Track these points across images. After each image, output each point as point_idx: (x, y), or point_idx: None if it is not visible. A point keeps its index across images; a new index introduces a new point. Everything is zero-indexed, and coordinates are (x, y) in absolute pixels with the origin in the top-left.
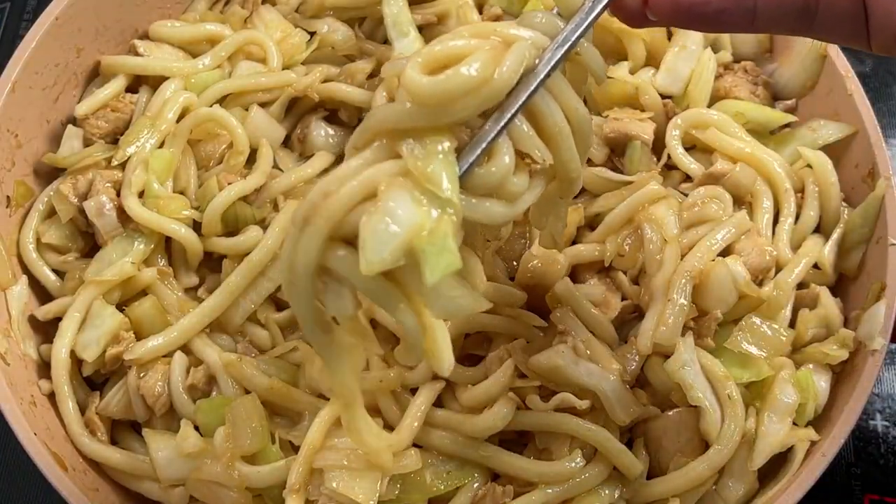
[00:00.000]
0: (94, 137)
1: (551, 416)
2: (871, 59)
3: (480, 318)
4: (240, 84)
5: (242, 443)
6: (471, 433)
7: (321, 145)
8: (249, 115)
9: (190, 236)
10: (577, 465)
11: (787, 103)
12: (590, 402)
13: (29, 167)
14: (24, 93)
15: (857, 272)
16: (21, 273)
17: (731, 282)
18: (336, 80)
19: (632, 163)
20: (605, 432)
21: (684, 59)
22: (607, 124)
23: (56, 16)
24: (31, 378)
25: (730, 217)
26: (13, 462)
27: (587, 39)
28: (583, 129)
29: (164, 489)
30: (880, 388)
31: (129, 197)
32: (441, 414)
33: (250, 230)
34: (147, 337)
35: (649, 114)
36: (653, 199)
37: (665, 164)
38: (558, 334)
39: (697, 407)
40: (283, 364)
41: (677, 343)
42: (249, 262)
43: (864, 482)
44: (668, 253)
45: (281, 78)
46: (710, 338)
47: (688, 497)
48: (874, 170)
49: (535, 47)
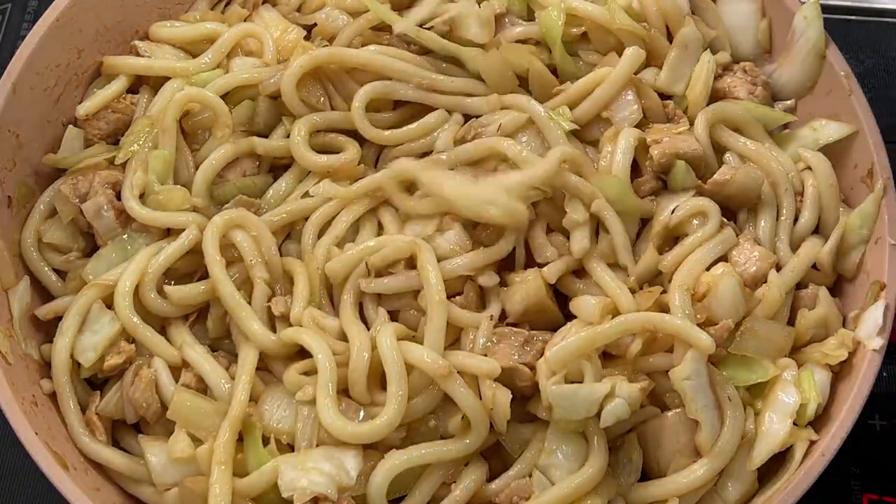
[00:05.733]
0: (94, 138)
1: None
2: (871, 59)
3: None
4: (242, 79)
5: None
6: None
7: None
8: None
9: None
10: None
11: (786, 104)
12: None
13: (30, 167)
14: (26, 93)
15: (857, 272)
16: (23, 273)
17: (739, 291)
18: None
19: (676, 182)
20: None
21: (686, 58)
22: (652, 149)
23: (57, 17)
24: (32, 378)
25: (712, 236)
26: (14, 462)
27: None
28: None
29: (159, 492)
30: (879, 388)
31: (131, 199)
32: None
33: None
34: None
35: (685, 126)
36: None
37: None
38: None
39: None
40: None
41: (686, 356)
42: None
43: (863, 482)
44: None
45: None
46: (723, 347)
47: (687, 498)
48: (873, 170)
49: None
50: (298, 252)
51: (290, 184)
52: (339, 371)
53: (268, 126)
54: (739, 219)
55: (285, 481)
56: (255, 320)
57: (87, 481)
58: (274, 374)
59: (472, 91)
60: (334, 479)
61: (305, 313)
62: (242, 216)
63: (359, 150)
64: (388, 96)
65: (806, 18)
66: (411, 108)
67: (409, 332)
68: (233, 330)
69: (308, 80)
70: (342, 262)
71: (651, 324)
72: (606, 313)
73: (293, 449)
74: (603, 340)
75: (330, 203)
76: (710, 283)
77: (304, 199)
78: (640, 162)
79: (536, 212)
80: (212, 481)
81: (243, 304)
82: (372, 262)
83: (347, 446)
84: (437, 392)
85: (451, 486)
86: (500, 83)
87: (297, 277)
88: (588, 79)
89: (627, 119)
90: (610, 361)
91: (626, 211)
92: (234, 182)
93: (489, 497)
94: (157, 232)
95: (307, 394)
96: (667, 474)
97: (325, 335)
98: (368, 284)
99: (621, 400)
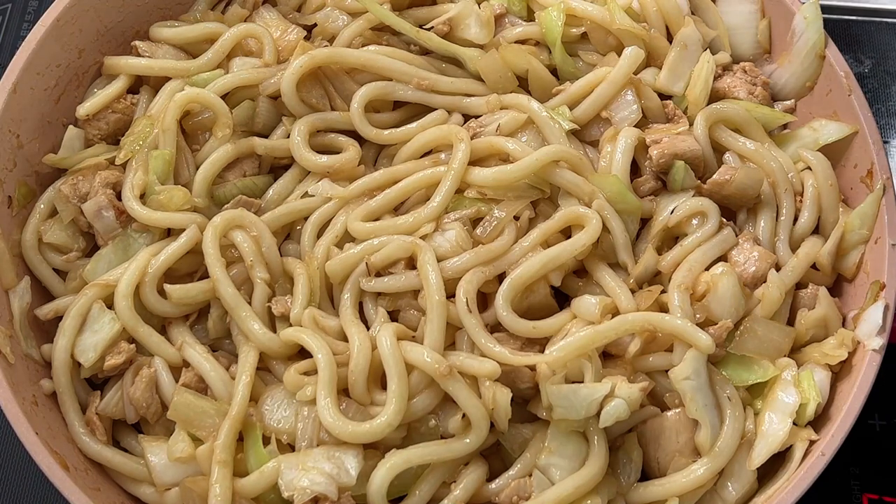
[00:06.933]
0: (95, 138)
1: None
2: (870, 59)
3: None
4: (242, 79)
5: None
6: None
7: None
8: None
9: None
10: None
11: (786, 104)
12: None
13: (31, 168)
14: (26, 94)
15: (856, 272)
16: (23, 273)
17: (739, 290)
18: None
19: (675, 182)
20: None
21: (686, 58)
22: (652, 149)
23: (57, 17)
24: (32, 378)
25: (712, 236)
26: (15, 462)
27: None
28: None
29: (159, 492)
30: (879, 388)
31: (131, 199)
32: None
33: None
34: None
35: (684, 126)
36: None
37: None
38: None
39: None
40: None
41: (686, 355)
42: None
43: (862, 481)
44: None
45: (279, 69)
46: (723, 347)
47: (687, 498)
48: (873, 170)
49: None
50: (298, 252)
51: (290, 184)
52: (339, 371)
53: (268, 126)
54: (739, 219)
55: (286, 481)
56: (255, 320)
57: (87, 481)
58: (274, 374)
59: (472, 91)
60: (335, 478)
61: (305, 313)
62: (242, 216)
63: (359, 150)
64: (388, 97)
65: (806, 18)
66: (411, 108)
67: (409, 331)
68: (233, 330)
69: (308, 81)
70: (342, 262)
71: (651, 323)
72: (607, 313)
73: (293, 449)
74: (603, 340)
75: (329, 203)
76: (710, 282)
77: (303, 199)
78: (639, 162)
79: (536, 211)
80: (212, 481)
81: (243, 304)
82: (372, 261)
83: (348, 446)
84: (438, 392)
85: (451, 486)
86: (499, 83)
87: (296, 277)
88: (588, 79)
89: (627, 119)
90: (610, 361)
91: (625, 210)
92: (234, 182)
93: (489, 497)
94: (158, 232)
95: (307, 394)
96: (667, 474)
97: (324, 335)
98: (368, 283)
99: (621, 400)
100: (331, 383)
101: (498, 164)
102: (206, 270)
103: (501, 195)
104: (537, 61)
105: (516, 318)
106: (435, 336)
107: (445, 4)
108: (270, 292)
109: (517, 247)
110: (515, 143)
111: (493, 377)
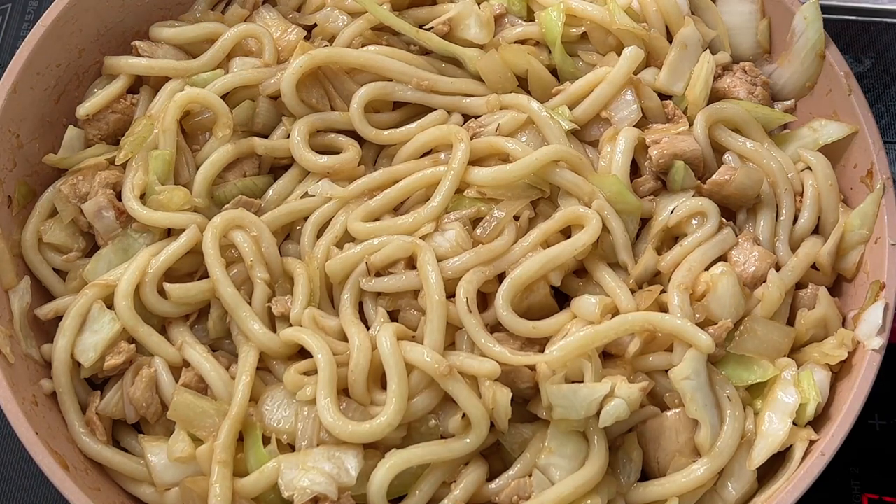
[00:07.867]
0: (95, 138)
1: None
2: (870, 59)
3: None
4: (242, 79)
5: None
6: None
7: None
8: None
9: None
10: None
11: (786, 104)
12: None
13: (31, 167)
14: (26, 93)
15: (856, 272)
16: (23, 273)
17: (738, 290)
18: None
19: (675, 182)
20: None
21: (686, 58)
22: (651, 149)
23: (57, 16)
24: (32, 378)
25: (712, 236)
26: (15, 462)
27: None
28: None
29: (159, 492)
30: (879, 388)
31: (132, 199)
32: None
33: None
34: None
35: (684, 126)
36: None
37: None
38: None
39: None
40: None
41: (686, 355)
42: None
43: (862, 481)
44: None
45: (279, 69)
46: (722, 347)
47: (687, 498)
48: (873, 170)
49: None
50: (298, 252)
51: (290, 184)
52: (339, 371)
53: (268, 126)
54: (739, 219)
55: (286, 481)
56: (255, 320)
57: (87, 481)
58: (274, 374)
59: (472, 91)
60: (335, 478)
61: (305, 313)
62: (242, 216)
63: (358, 150)
64: (388, 97)
65: (806, 18)
66: (411, 108)
67: (409, 331)
68: (233, 330)
69: (308, 81)
70: (342, 262)
71: (650, 323)
72: (606, 312)
73: (293, 449)
74: (603, 339)
75: (329, 203)
76: (710, 282)
77: (303, 199)
78: (639, 162)
79: (536, 211)
80: (212, 481)
81: (243, 305)
82: (372, 261)
83: (348, 446)
84: (437, 392)
85: (451, 486)
86: (499, 83)
87: (296, 277)
88: (587, 79)
89: (627, 119)
90: (610, 361)
91: (625, 210)
92: (234, 182)
93: (489, 497)
94: (158, 232)
95: (307, 394)
96: (666, 474)
97: (324, 335)
98: (368, 283)
99: (621, 400)
100: (331, 383)
101: (498, 164)
102: (206, 270)
103: (501, 195)
104: (537, 61)
105: (516, 317)
106: (435, 336)
107: (445, 4)
108: (270, 292)
109: (517, 247)
110: (515, 142)
111: (493, 377)
